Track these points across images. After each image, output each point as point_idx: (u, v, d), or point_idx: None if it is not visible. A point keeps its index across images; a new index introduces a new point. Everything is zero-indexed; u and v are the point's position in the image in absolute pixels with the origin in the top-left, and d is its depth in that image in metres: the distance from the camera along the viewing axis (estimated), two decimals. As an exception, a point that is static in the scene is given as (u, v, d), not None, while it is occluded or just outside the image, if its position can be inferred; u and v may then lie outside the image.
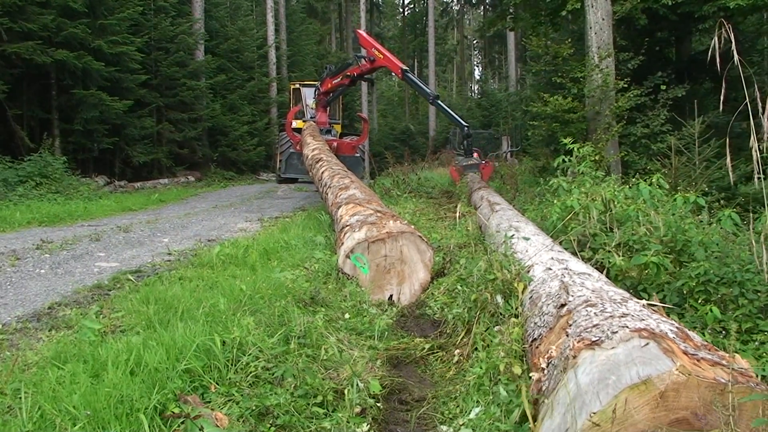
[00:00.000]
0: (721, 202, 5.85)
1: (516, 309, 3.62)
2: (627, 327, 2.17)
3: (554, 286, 3.22)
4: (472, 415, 2.95)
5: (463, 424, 2.91)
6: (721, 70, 3.31)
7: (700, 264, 3.74)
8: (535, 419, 2.36)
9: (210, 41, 24.72)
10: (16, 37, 13.94)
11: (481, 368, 3.25)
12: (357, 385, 3.20)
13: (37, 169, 13.24)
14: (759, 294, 3.47)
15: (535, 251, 4.37)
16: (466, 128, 12.60)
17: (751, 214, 4.05)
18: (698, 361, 1.89)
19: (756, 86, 3.25)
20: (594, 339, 2.18)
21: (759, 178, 3.31)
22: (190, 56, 22.37)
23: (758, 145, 3.21)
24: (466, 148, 13.00)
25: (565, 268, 3.56)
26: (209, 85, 22.83)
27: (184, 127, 21.52)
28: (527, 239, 4.75)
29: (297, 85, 22.37)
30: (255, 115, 27.24)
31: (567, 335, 2.42)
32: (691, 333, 2.21)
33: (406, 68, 12.88)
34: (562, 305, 2.81)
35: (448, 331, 4.31)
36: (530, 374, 2.58)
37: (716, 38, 3.21)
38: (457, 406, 3.15)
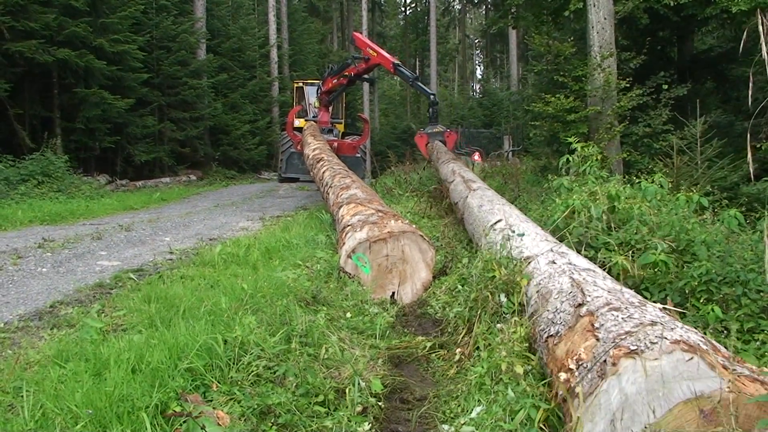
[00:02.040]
0: (724, 202, 5.84)
1: (518, 306, 3.62)
2: (665, 338, 2.20)
3: (564, 282, 3.25)
4: (473, 414, 2.95)
5: (464, 423, 2.91)
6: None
7: (702, 263, 3.73)
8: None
9: (212, 40, 24.72)
10: (18, 35, 13.94)
11: (482, 367, 3.25)
12: (358, 384, 3.20)
13: (39, 167, 13.25)
14: (762, 294, 3.46)
15: (532, 241, 4.38)
16: (432, 96, 13.27)
17: (757, 213, 4.05)
18: (739, 377, 1.95)
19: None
20: (633, 348, 2.22)
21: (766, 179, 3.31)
22: (192, 55, 22.36)
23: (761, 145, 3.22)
24: (431, 116, 13.47)
25: (569, 262, 3.59)
26: (211, 84, 22.83)
27: (185, 125, 21.53)
28: (521, 235, 4.72)
29: (300, 84, 22.38)
30: (256, 114, 27.25)
31: (597, 339, 2.46)
32: (716, 343, 2.27)
33: (397, 62, 13.29)
34: (580, 305, 2.87)
35: (449, 330, 4.31)
36: (559, 373, 2.61)
37: (760, 28, 3.17)
38: (459, 405, 3.15)
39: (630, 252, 4.38)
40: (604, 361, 2.27)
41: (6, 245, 7.43)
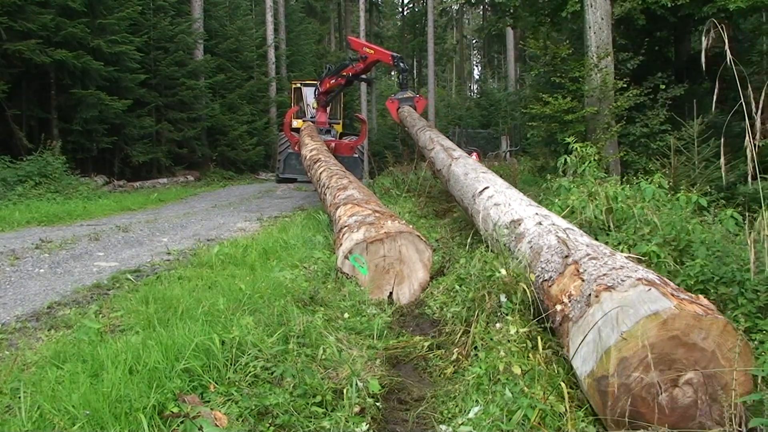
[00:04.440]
0: (721, 201, 5.85)
1: (518, 306, 3.64)
2: (632, 277, 3.00)
3: (552, 240, 3.98)
4: (471, 415, 2.95)
5: (462, 424, 2.91)
6: (716, 70, 3.36)
7: (696, 262, 3.75)
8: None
9: (209, 41, 24.69)
10: (15, 36, 13.92)
11: (480, 368, 3.25)
12: (356, 384, 3.20)
13: (36, 168, 13.23)
14: (759, 293, 3.47)
15: (519, 205, 5.06)
16: (402, 64, 13.54)
17: (759, 213, 4.05)
18: (681, 300, 2.74)
19: (749, 86, 3.27)
20: (609, 284, 3.02)
21: (757, 178, 3.35)
22: (189, 56, 22.34)
23: (754, 145, 3.26)
24: (401, 82, 13.78)
25: (552, 223, 4.36)
26: (208, 85, 22.80)
27: (183, 126, 21.49)
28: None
29: (298, 84, 22.37)
30: (254, 114, 27.21)
31: (582, 280, 3.27)
32: (666, 279, 3.07)
33: (397, 54, 13.52)
34: (566, 256, 3.62)
35: (447, 330, 4.31)
36: (555, 305, 3.37)
37: (704, 39, 3.33)
38: (456, 406, 3.15)
39: (628, 251, 4.38)
40: (589, 294, 3.09)
41: (3, 246, 7.42)
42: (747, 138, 3.26)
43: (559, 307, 3.31)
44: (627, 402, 2.65)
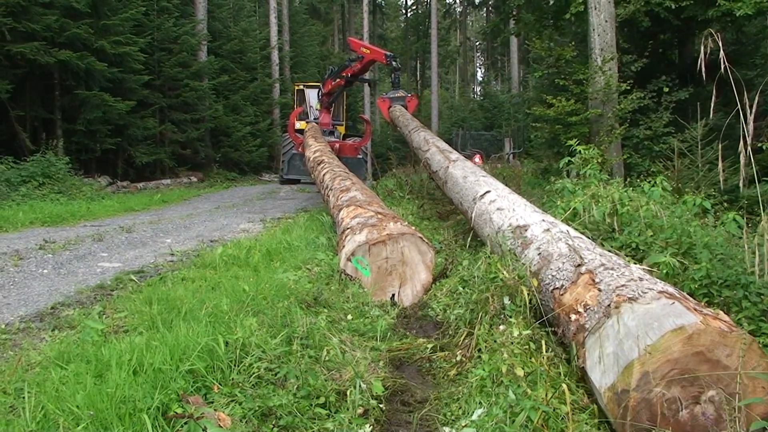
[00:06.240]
0: (725, 204, 5.84)
1: (522, 308, 3.63)
2: (653, 289, 2.94)
3: (563, 248, 3.88)
4: (474, 417, 2.95)
5: (465, 426, 2.90)
6: (713, 76, 3.39)
7: (702, 266, 3.74)
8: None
9: (213, 42, 24.75)
10: (19, 37, 13.97)
11: (483, 370, 3.25)
12: (359, 386, 3.20)
13: (39, 169, 13.26)
14: (762, 297, 3.46)
15: (524, 211, 4.98)
16: (395, 62, 13.69)
17: (758, 216, 4.05)
18: (705, 315, 2.69)
19: (745, 89, 3.28)
20: (630, 296, 2.94)
21: (756, 182, 3.37)
22: (193, 57, 22.38)
23: (748, 148, 3.28)
24: (393, 81, 14.05)
25: (561, 231, 4.26)
26: (212, 86, 22.85)
27: (186, 127, 21.54)
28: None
29: (301, 86, 22.45)
30: (258, 116, 27.28)
31: (599, 290, 3.19)
32: (686, 294, 3.02)
33: (390, 53, 13.68)
34: (580, 265, 3.55)
35: (450, 332, 4.30)
36: (569, 315, 3.30)
37: (702, 47, 3.38)
38: (460, 408, 3.15)
39: (631, 254, 4.38)
40: (608, 305, 3.01)
41: (7, 246, 7.43)
42: (741, 143, 3.28)
43: (573, 317, 3.23)
44: (647, 417, 2.60)
